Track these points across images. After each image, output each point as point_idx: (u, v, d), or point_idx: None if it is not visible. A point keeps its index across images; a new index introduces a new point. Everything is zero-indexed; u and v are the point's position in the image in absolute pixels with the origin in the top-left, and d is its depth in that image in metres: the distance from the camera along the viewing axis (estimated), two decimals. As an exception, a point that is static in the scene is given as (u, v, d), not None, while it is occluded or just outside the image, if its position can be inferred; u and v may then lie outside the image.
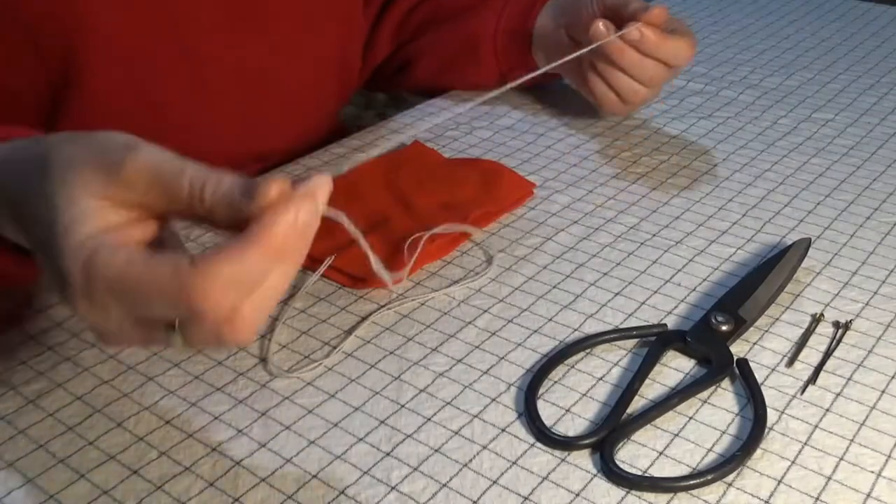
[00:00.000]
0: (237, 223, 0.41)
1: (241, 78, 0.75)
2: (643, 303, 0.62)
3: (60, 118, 0.68)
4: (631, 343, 0.59)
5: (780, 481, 0.48)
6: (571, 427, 0.52)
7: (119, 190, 0.42)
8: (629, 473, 0.48)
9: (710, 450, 0.50)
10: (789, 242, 0.66)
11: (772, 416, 0.52)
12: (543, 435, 0.51)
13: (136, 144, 0.42)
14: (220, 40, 0.72)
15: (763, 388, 0.54)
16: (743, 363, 0.55)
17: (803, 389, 0.54)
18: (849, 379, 0.55)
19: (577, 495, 0.48)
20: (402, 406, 0.54)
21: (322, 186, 0.41)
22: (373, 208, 0.70)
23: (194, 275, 0.39)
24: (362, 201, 0.71)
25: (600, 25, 0.77)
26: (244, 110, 0.77)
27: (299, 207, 0.40)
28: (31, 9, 0.64)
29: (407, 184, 0.74)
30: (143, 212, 0.43)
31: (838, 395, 0.54)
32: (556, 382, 0.55)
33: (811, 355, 0.57)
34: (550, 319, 0.61)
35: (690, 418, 0.52)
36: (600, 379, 0.56)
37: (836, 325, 0.60)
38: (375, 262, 0.45)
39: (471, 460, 0.50)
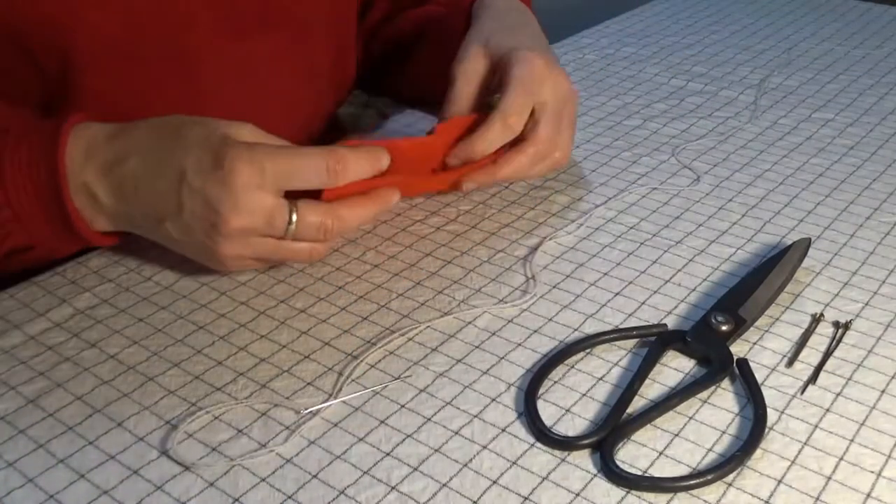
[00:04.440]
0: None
1: (238, 81, 0.75)
2: (643, 303, 0.62)
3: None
4: (631, 343, 0.59)
5: (780, 481, 0.48)
6: (571, 427, 0.52)
7: None
8: (629, 473, 0.48)
9: (710, 450, 0.50)
10: (789, 242, 0.66)
11: (772, 416, 0.52)
12: (543, 435, 0.51)
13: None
14: (216, 43, 0.72)
15: (763, 388, 0.54)
16: (743, 363, 0.55)
17: (803, 389, 0.54)
18: (849, 379, 0.55)
19: (577, 495, 0.48)
20: (402, 406, 0.54)
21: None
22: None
23: (334, 149, 0.58)
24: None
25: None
26: (240, 113, 0.77)
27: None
28: (26, 13, 0.64)
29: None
30: None
31: (838, 395, 0.54)
32: (556, 382, 0.55)
33: (811, 355, 0.57)
34: (550, 319, 0.61)
35: (690, 418, 0.52)
36: (600, 379, 0.56)
37: (836, 325, 0.60)
38: None
39: (471, 460, 0.50)
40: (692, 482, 0.48)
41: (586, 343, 0.58)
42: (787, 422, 0.52)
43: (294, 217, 0.58)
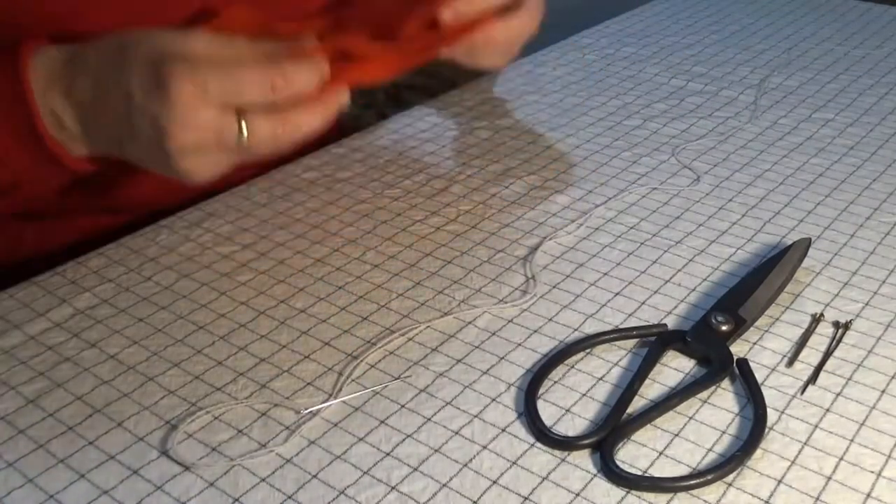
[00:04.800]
0: None
1: None
2: (643, 303, 0.62)
3: None
4: (631, 343, 0.59)
5: (780, 481, 0.48)
6: (571, 427, 0.52)
7: None
8: (629, 473, 0.48)
9: (710, 450, 0.50)
10: (789, 242, 0.66)
11: (772, 416, 0.52)
12: (543, 435, 0.51)
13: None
14: None
15: (763, 388, 0.54)
16: (743, 363, 0.55)
17: (803, 389, 0.54)
18: (849, 379, 0.55)
19: (577, 495, 0.48)
20: (402, 406, 0.54)
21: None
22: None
23: (279, 65, 0.55)
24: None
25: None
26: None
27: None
28: (28, 11, 0.64)
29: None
30: None
31: (838, 395, 0.54)
32: (556, 382, 0.55)
33: (811, 355, 0.57)
34: (550, 319, 0.61)
35: (690, 418, 0.52)
36: (600, 379, 0.56)
37: (836, 325, 0.60)
38: None
39: (471, 460, 0.50)
40: (692, 482, 0.48)
41: (586, 343, 0.58)
42: (787, 422, 0.52)
43: (244, 129, 0.55)
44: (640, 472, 0.49)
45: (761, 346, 0.58)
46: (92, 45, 0.59)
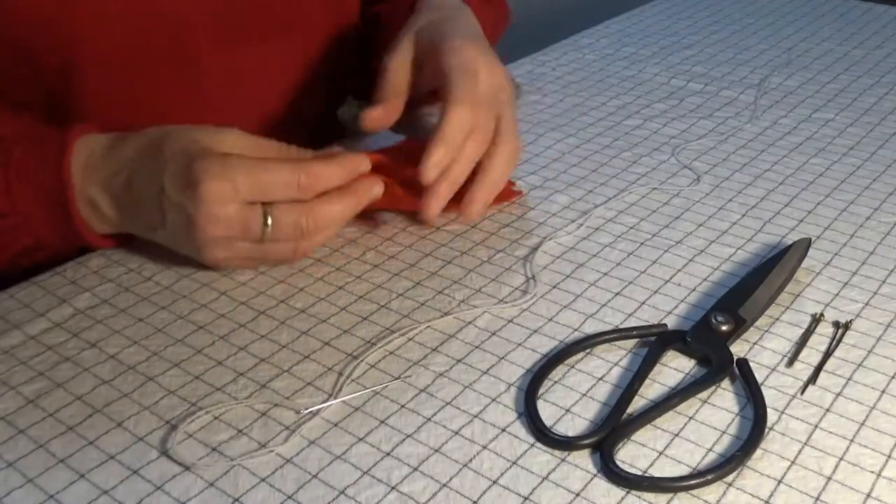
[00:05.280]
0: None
1: (238, 86, 0.75)
2: (643, 303, 0.62)
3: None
4: (631, 343, 0.59)
5: (780, 481, 0.48)
6: (571, 427, 0.52)
7: None
8: (629, 473, 0.48)
9: (710, 450, 0.50)
10: (789, 242, 0.66)
11: (772, 416, 0.52)
12: (543, 435, 0.51)
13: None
14: (218, 48, 0.72)
15: (763, 388, 0.54)
16: (743, 363, 0.55)
17: (803, 389, 0.54)
18: (849, 379, 0.55)
19: (577, 495, 0.48)
20: (402, 406, 0.54)
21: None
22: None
23: (307, 163, 0.60)
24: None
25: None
26: (242, 118, 0.77)
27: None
28: (25, 20, 0.64)
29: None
30: None
31: (838, 395, 0.54)
32: (556, 382, 0.55)
33: (811, 355, 0.57)
34: (550, 319, 0.61)
35: (690, 418, 0.52)
36: (600, 379, 0.56)
37: (836, 325, 0.60)
38: None
39: (471, 460, 0.50)
40: (692, 482, 0.48)
41: (586, 343, 0.58)
42: (787, 422, 0.52)
43: (269, 220, 0.59)
44: (640, 472, 0.49)
45: (761, 346, 0.58)
46: (132, 137, 0.62)
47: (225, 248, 0.61)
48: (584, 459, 0.50)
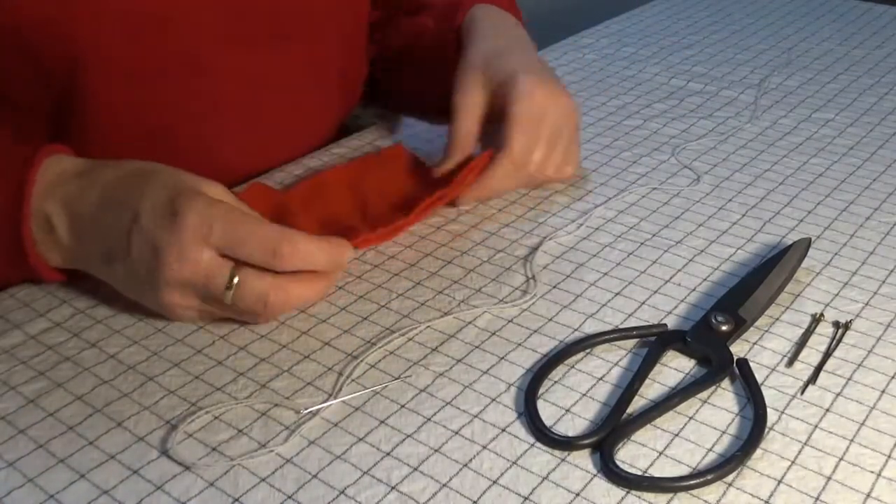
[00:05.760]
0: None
1: (246, 90, 0.75)
2: (643, 303, 0.62)
3: (68, 131, 0.68)
4: (631, 343, 0.59)
5: (780, 481, 0.48)
6: (571, 427, 0.52)
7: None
8: (629, 473, 0.48)
9: (710, 450, 0.50)
10: (789, 242, 0.66)
11: (772, 416, 0.52)
12: (543, 435, 0.51)
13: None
14: (223, 52, 0.72)
15: (763, 388, 0.54)
16: (743, 363, 0.55)
17: (803, 389, 0.54)
18: (849, 379, 0.55)
19: (577, 495, 0.48)
20: (402, 406, 0.54)
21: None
22: (332, 211, 0.71)
23: (292, 233, 0.56)
24: (323, 201, 0.72)
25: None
26: (249, 123, 0.77)
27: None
28: (27, 20, 0.64)
29: (371, 190, 0.74)
30: None
31: (838, 395, 0.54)
32: (556, 382, 0.55)
33: (811, 355, 0.57)
34: (550, 319, 0.61)
35: (690, 418, 0.52)
36: (600, 379, 0.56)
37: (836, 325, 0.60)
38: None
39: (471, 460, 0.50)
40: (692, 482, 0.48)
41: (586, 343, 0.58)
42: (787, 422, 0.52)
43: (235, 281, 0.55)
44: (640, 472, 0.49)
45: (761, 346, 0.58)
46: (113, 164, 0.60)
47: (182, 294, 0.57)
48: (584, 459, 0.50)
